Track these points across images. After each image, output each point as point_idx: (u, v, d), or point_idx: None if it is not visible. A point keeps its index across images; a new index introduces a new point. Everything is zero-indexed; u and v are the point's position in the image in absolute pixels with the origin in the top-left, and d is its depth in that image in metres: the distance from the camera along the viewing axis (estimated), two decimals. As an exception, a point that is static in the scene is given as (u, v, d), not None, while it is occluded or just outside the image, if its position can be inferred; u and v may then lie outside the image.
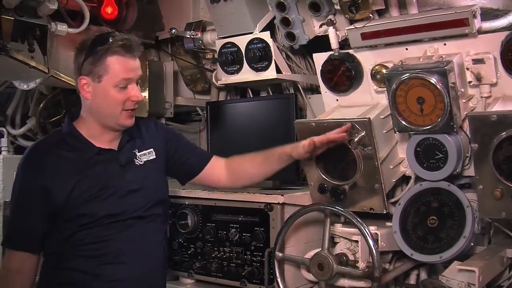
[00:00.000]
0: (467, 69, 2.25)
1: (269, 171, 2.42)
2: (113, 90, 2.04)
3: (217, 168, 2.41)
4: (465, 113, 2.25)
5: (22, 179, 2.09)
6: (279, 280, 2.42)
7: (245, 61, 2.82)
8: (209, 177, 2.41)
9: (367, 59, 2.49)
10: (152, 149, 2.23)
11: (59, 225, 2.06)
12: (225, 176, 2.40)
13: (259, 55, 2.76)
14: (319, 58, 2.61)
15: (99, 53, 2.02)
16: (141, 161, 2.19)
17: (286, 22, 2.65)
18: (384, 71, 2.36)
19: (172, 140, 2.35)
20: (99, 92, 2.05)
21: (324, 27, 2.56)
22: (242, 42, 2.81)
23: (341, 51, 2.53)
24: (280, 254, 2.40)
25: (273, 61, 2.75)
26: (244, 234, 2.61)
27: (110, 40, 2.03)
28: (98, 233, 2.04)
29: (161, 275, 2.25)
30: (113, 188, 2.07)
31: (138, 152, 2.20)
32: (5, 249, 2.12)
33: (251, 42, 2.78)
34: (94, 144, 2.11)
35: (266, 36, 2.75)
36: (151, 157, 2.22)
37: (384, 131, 2.40)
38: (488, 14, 2.27)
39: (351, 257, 2.36)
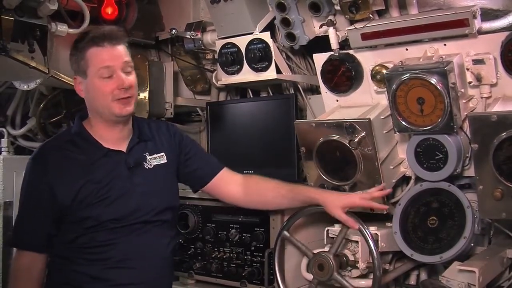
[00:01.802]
0: (467, 69, 2.25)
1: (287, 206, 2.39)
2: (98, 82, 2.05)
3: (229, 182, 2.37)
4: (465, 113, 2.25)
5: (29, 179, 2.10)
6: (279, 280, 2.42)
7: (245, 61, 2.81)
8: (220, 189, 2.37)
9: (367, 60, 2.49)
10: (163, 153, 2.21)
11: (64, 227, 2.06)
12: (239, 193, 2.36)
13: (259, 56, 2.76)
14: (319, 59, 2.61)
15: (80, 49, 2.06)
16: (151, 164, 2.17)
17: (286, 22, 2.65)
18: (384, 71, 2.36)
19: (186, 147, 2.32)
20: (88, 87, 2.08)
21: (324, 27, 2.55)
22: (242, 42, 2.81)
23: (341, 51, 2.53)
24: (287, 234, 2.36)
25: (273, 62, 2.75)
26: (244, 234, 2.62)
27: (89, 35, 2.07)
28: (102, 237, 2.03)
29: (166, 280, 2.22)
30: (119, 191, 2.06)
31: (149, 155, 2.18)
32: (15, 249, 2.13)
33: (251, 42, 2.78)
34: (103, 145, 2.11)
35: (266, 36, 2.75)
36: (162, 162, 2.20)
37: (384, 132, 2.39)
38: (488, 14, 2.27)
39: (351, 258, 2.35)
